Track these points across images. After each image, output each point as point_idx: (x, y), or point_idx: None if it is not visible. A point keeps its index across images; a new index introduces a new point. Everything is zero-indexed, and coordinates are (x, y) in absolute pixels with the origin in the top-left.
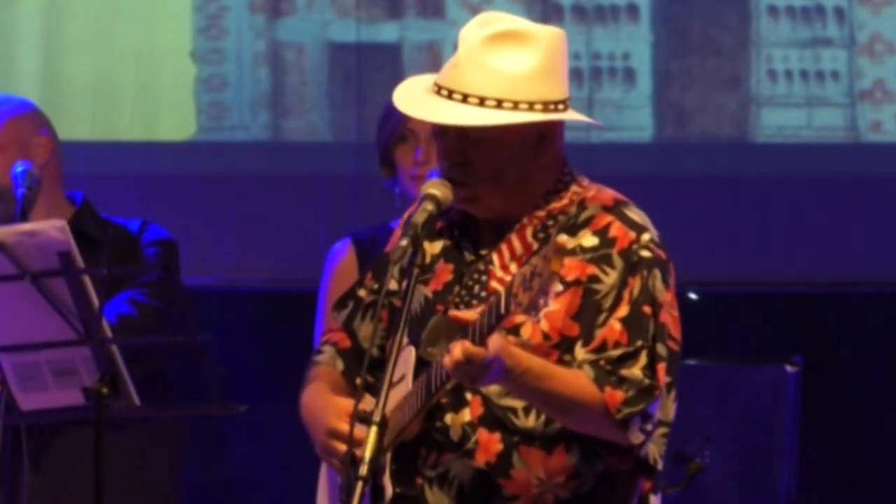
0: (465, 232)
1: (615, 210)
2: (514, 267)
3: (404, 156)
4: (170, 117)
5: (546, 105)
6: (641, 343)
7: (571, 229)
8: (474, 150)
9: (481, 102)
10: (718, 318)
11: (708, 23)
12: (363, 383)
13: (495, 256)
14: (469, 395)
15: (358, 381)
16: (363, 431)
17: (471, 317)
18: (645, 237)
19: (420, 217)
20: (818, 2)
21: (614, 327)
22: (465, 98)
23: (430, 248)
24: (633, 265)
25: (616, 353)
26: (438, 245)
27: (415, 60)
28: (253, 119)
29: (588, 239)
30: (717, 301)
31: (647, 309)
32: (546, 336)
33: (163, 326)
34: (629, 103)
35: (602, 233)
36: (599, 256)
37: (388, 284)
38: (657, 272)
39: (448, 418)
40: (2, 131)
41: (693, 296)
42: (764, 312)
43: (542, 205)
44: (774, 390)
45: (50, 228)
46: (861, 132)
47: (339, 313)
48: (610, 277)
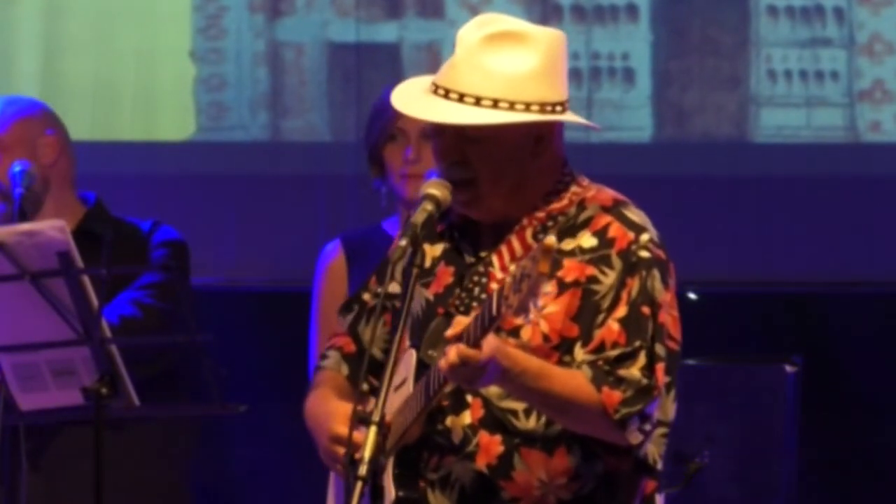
0: (466, 234)
1: (614, 210)
2: (514, 268)
3: (394, 155)
4: (169, 117)
5: (543, 106)
6: (640, 343)
7: (571, 230)
8: (471, 150)
9: (477, 102)
10: (718, 318)
11: (707, 23)
12: (365, 387)
13: (495, 258)
14: (470, 398)
15: (366, 387)
16: (365, 434)
17: (467, 322)
18: (644, 237)
19: (419, 217)
20: (817, 2)
21: (612, 328)
22: (462, 98)
23: (431, 251)
24: (632, 266)
25: (614, 354)
26: (439, 248)
27: (414, 60)
28: (252, 119)
29: (587, 239)
30: (717, 301)
31: (646, 309)
32: (546, 337)
33: (167, 328)
34: (628, 103)
35: (601, 233)
36: (598, 257)
37: (390, 287)
38: (656, 272)
39: (449, 421)
40: (8, 132)
41: (692, 296)
42: (763, 312)
43: (542, 206)
44: (774, 390)
45: (49, 228)
46: (860, 132)
47: (345, 317)
48: (609, 278)
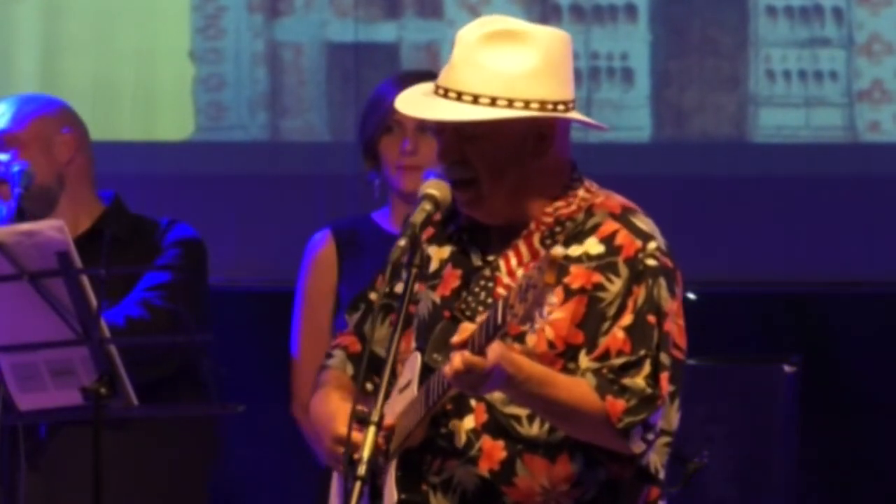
0: (475, 237)
1: (622, 218)
2: (521, 273)
3: (390, 147)
4: (168, 117)
5: (543, 104)
6: (645, 352)
7: (578, 236)
8: (471, 149)
9: (475, 100)
10: (717, 318)
11: (706, 23)
12: (370, 386)
13: (502, 262)
14: (473, 403)
15: (370, 387)
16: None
17: (473, 329)
18: (651, 246)
19: (418, 217)
20: (816, 2)
21: (618, 336)
22: (460, 96)
23: (439, 253)
24: (639, 274)
25: (619, 362)
26: (447, 250)
27: (413, 60)
28: (251, 119)
29: (594, 246)
30: (716, 301)
31: (652, 318)
32: (551, 344)
33: (175, 329)
34: (627, 103)
35: (608, 240)
36: (605, 264)
37: (395, 287)
38: (662, 281)
39: (452, 425)
40: (25, 129)
41: (691, 296)
42: (763, 312)
43: (550, 210)
44: (774, 390)
45: (48, 228)
46: (859, 132)
47: (351, 317)
48: (615, 286)
